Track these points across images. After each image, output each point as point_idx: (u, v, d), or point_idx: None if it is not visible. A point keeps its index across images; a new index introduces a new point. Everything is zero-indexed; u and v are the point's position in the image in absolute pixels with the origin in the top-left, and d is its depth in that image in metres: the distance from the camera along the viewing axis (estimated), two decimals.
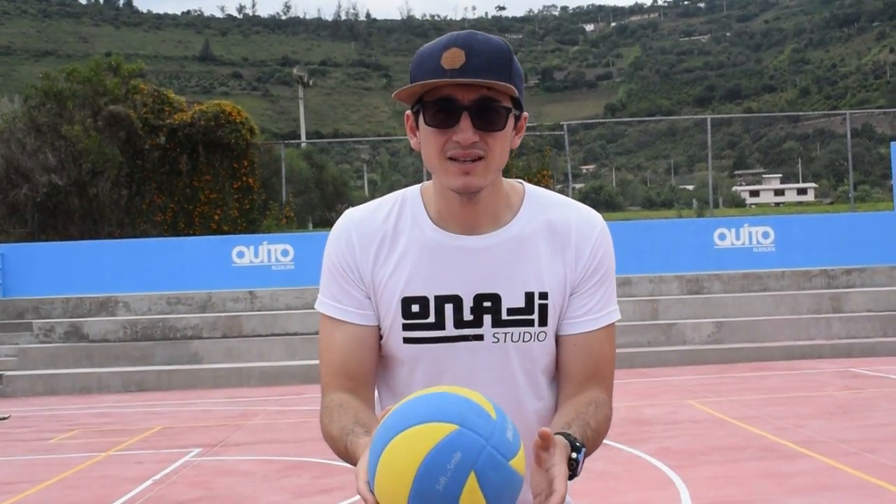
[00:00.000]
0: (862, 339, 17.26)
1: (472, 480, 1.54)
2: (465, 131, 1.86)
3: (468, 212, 1.97)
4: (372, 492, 1.59)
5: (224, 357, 17.36)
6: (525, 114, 2.00)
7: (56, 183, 23.41)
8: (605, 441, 2.01)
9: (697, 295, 18.82)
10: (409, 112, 1.98)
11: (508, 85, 1.85)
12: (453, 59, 1.84)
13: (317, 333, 2.08)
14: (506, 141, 1.93)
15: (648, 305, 18.25)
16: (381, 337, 2.05)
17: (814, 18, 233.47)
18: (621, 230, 20.07)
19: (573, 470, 1.76)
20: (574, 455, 1.77)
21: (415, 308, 1.98)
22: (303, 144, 40.66)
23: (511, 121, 1.93)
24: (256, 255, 19.85)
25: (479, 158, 1.88)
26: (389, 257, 2.00)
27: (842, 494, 7.16)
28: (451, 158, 1.89)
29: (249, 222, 24.42)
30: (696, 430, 10.18)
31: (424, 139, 1.93)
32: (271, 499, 7.84)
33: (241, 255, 19.89)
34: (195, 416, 13.22)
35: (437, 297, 1.97)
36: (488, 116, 1.87)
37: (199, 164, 24.24)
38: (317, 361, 2.12)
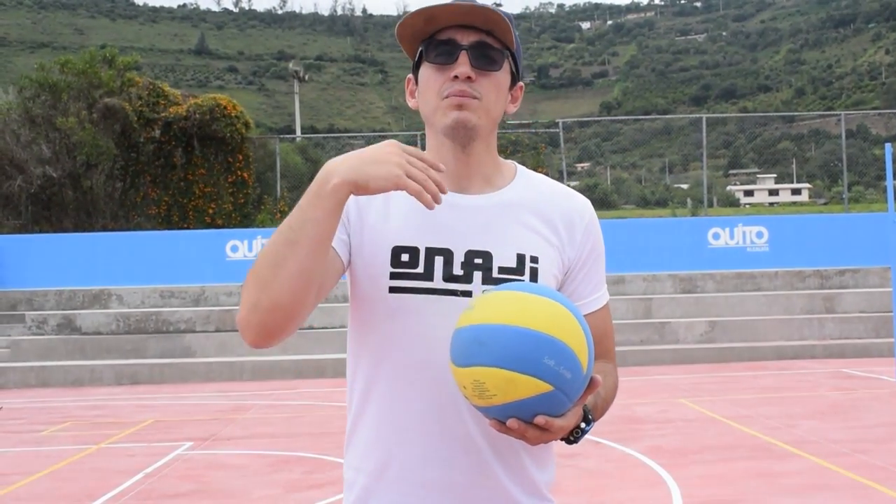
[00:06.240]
0: (854, 339, 17.30)
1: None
2: (462, 65, 1.92)
3: (461, 165, 2.00)
4: None
5: (217, 351, 17.36)
6: (521, 83, 2.08)
7: (50, 175, 23.38)
8: (597, 439, 2.02)
9: (691, 294, 18.84)
10: (409, 76, 2.07)
11: (506, 21, 1.91)
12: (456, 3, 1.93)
13: (311, 328, 2.02)
14: (501, 89, 2.00)
15: (642, 304, 18.27)
16: (339, 277, 1.99)
17: (810, 19, 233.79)
18: (615, 228, 20.08)
19: (576, 437, 1.84)
20: (583, 425, 1.83)
21: (404, 257, 1.94)
22: (298, 139, 40.60)
23: (507, 72, 2.00)
24: (250, 249, 19.83)
25: (474, 98, 1.94)
26: (382, 207, 1.98)
27: (833, 495, 7.18)
28: (447, 97, 1.94)
29: (244, 216, 24.41)
30: (688, 429, 10.20)
31: (424, 84, 1.99)
32: (263, 493, 7.83)
33: (234, 249, 19.88)
34: (187, 409, 13.22)
35: (427, 249, 1.95)
36: (485, 57, 1.94)
37: (194, 158, 24.23)
38: (310, 356, 2.08)
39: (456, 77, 1.93)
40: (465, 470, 1.93)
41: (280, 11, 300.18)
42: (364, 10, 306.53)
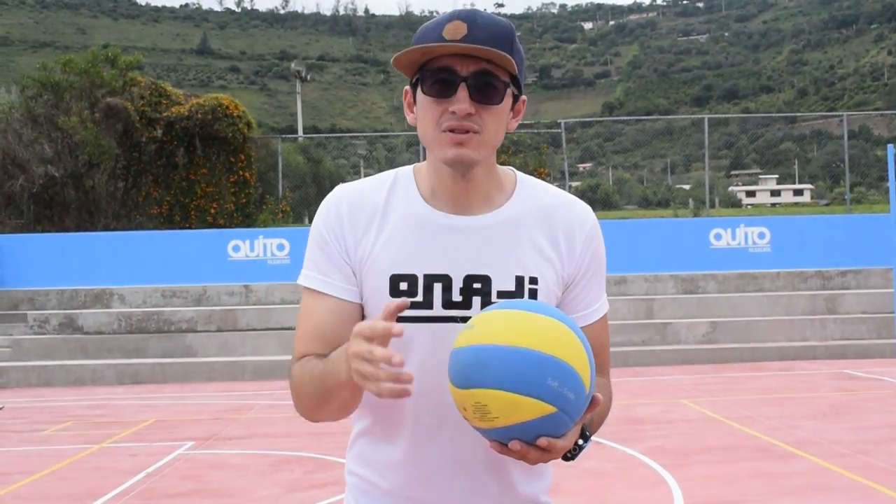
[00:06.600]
0: (856, 340, 17.28)
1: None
2: (461, 101, 1.84)
3: (460, 189, 1.95)
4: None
5: (218, 351, 17.36)
6: (523, 97, 1.99)
7: (52, 174, 23.38)
8: (598, 439, 2.03)
9: (692, 294, 18.83)
10: (407, 87, 1.97)
11: (508, 57, 1.82)
12: (455, 30, 1.83)
13: None
14: (502, 118, 1.91)
15: (643, 304, 18.26)
16: (362, 317, 1.97)
17: (812, 19, 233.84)
18: (617, 229, 20.08)
19: (574, 454, 1.83)
20: (580, 442, 1.82)
21: (403, 286, 1.92)
22: (300, 139, 40.59)
23: (509, 97, 1.91)
24: (252, 249, 19.82)
25: (474, 132, 1.87)
26: (379, 233, 1.95)
27: (834, 496, 7.17)
28: (446, 130, 1.87)
29: (245, 216, 24.40)
30: (690, 429, 10.19)
31: (421, 111, 1.91)
32: (264, 493, 7.83)
33: (236, 248, 19.87)
34: (189, 409, 13.22)
35: (426, 276, 1.92)
36: (486, 89, 1.86)
37: (196, 158, 24.22)
38: None
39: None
40: (460, 491, 1.97)
41: (282, 11, 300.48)
42: (366, 10, 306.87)
